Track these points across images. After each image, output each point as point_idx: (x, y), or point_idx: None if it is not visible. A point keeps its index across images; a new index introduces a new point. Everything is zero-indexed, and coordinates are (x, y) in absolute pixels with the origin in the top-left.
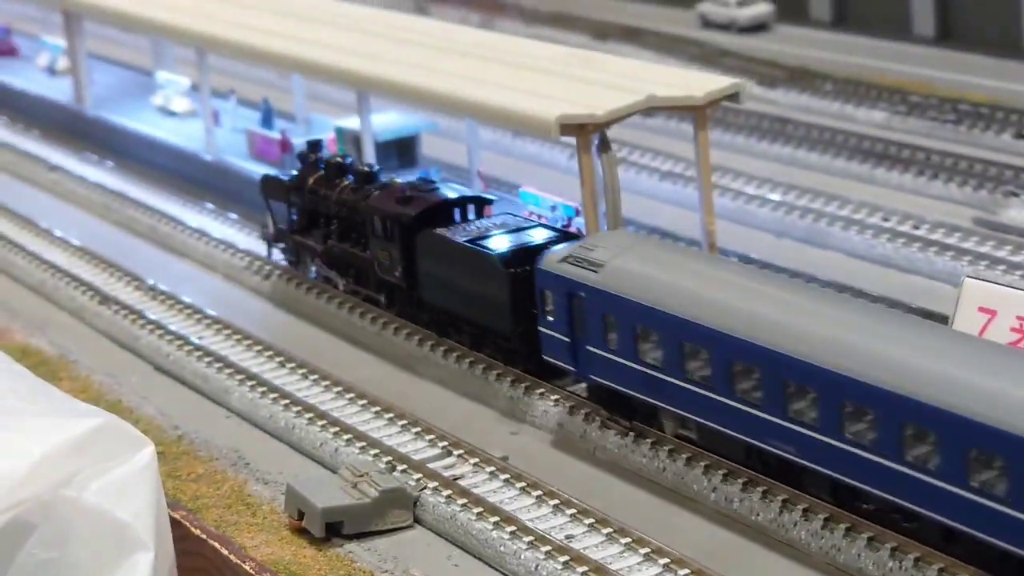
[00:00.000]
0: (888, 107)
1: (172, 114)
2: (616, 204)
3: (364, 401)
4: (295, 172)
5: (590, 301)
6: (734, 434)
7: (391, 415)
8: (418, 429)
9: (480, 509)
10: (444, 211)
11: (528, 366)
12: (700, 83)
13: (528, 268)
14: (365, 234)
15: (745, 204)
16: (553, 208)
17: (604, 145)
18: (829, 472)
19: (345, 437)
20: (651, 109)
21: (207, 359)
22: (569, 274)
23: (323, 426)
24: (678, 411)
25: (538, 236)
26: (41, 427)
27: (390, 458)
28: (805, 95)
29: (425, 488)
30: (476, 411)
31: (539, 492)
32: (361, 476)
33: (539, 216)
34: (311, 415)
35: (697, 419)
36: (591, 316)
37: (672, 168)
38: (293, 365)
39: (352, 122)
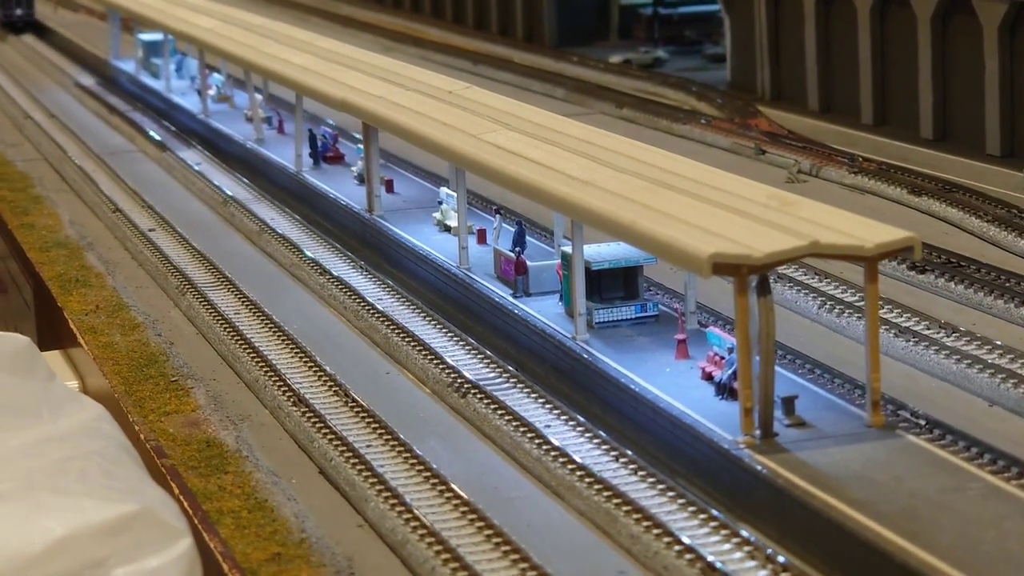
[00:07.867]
0: None
1: (447, 229)
2: (769, 350)
3: (489, 531)
4: None
5: None
6: None
7: (508, 547)
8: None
9: None
10: None
11: None
12: (874, 233)
13: None
14: None
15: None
16: (731, 350)
17: (763, 288)
18: None
19: (443, 557)
20: (816, 255)
21: (360, 466)
22: None
23: (429, 543)
24: None
25: None
26: (69, 506)
27: None
28: None
29: None
30: None
31: None
32: None
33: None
34: (423, 531)
35: None
36: None
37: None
38: (434, 481)
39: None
